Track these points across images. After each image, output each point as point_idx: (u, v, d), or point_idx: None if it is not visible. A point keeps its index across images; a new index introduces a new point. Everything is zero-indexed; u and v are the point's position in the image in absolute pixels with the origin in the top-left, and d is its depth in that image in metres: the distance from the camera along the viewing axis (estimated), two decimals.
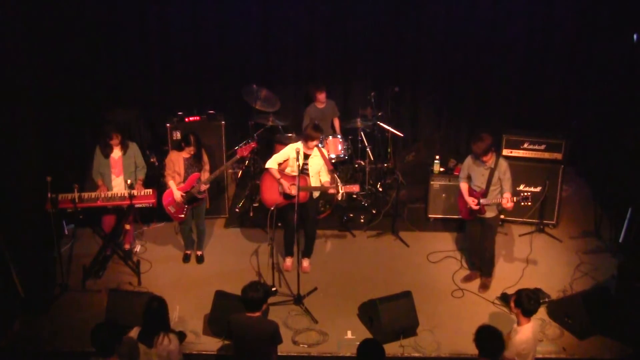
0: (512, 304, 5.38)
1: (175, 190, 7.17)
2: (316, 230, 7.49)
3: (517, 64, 9.21)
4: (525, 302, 5.29)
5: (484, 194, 6.85)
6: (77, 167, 8.24)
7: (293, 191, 6.92)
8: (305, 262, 7.48)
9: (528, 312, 5.32)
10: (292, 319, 6.71)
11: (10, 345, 6.36)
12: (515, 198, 6.68)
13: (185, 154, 7.21)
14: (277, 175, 7.05)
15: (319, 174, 7.04)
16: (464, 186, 7.03)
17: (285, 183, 7.03)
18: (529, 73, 9.25)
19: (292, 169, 7.05)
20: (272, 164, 7.11)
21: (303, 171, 6.94)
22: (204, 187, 7.19)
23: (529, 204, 6.78)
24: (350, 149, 8.70)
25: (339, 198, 6.94)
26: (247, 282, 5.47)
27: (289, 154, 7.07)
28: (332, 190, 6.91)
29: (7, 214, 6.76)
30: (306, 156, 7.01)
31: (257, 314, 5.34)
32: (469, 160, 6.99)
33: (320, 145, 7.18)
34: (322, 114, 8.75)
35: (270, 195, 7.19)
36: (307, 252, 7.49)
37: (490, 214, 6.94)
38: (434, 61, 9.28)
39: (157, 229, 8.28)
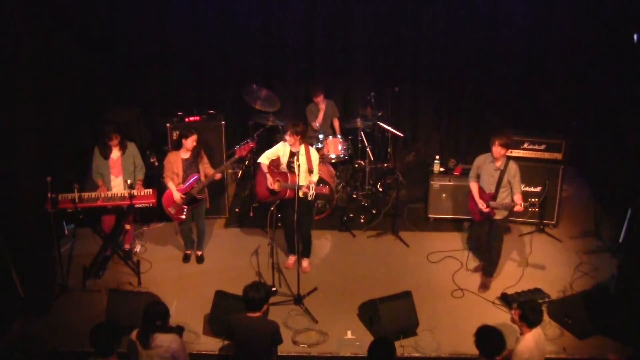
0: (517, 318, 5.29)
1: (175, 192, 7.17)
2: (310, 231, 7.47)
3: (517, 64, 9.21)
4: (530, 315, 5.23)
5: (494, 197, 6.86)
6: (77, 167, 8.23)
7: (275, 186, 6.96)
8: (305, 262, 7.49)
9: (534, 324, 5.27)
10: (292, 319, 6.71)
11: (10, 346, 6.36)
12: (523, 204, 6.65)
13: (184, 152, 7.20)
14: (264, 170, 7.09)
15: (306, 172, 7.03)
16: (473, 186, 7.02)
17: (269, 178, 7.05)
18: (529, 73, 9.25)
19: (282, 166, 7.10)
20: (262, 159, 7.17)
21: (290, 168, 7.01)
22: (202, 186, 7.18)
23: (537, 210, 6.79)
24: (350, 149, 8.70)
25: (309, 199, 6.93)
26: (247, 282, 5.48)
27: (278, 150, 7.13)
28: (305, 189, 6.89)
29: (7, 214, 6.76)
30: (293, 154, 7.03)
31: (258, 314, 5.35)
32: (479, 159, 7.01)
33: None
34: (322, 113, 8.75)
35: (260, 189, 7.25)
36: (305, 252, 7.50)
37: (500, 215, 6.95)
38: (434, 61, 9.27)
39: (157, 229, 8.28)
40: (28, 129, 7.28)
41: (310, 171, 6.99)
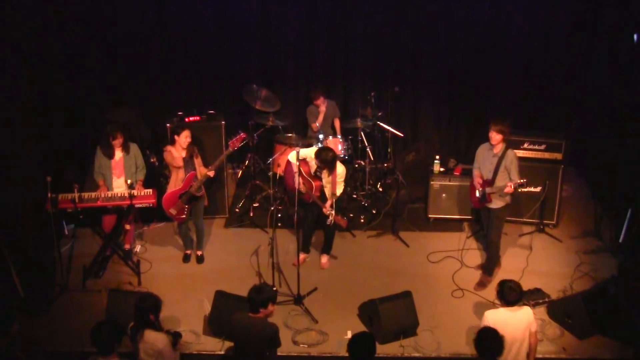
0: (496, 294, 5.60)
1: (200, 169, 7.18)
2: (334, 229, 7.52)
3: (517, 64, 9.21)
4: (506, 293, 5.47)
5: (490, 183, 6.90)
6: (78, 167, 8.24)
7: (302, 188, 7.02)
8: (324, 259, 7.62)
9: (508, 303, 5.48)
10: (292, 319, 6.71)
11: (10, 346, 6.35)
12: (512, 184, 6.68)
13: (181, 151, 7.19)
14: (295, 169, 7.05)
15: (330, 194, 7.17)
16: (476, 173, 7.15)
17: (297, 179, 7.04)
18: (529, 73, 9.25)
19: (310, 168, 7.20)
20: (293, 158, 7.16)
21: (317, 176, 7.18)
22: (199, 183, 7.20)
23: (525, 189, 6.83)
24: (350, 149, 8.70)
25: (327, 222, 7.06)
26: (247, 282, 5.51)
27: (308, 155, 7.20)
28: (325, 211, 7.04)
29: (7, 214, 6.76)
30: (322, 168, 7.14)
31: (259, 315, 5.36)
32: (480, 148, 7.12)
33: (320, 145, 7.25)
34: (322, 115, 8.75)
35: (289, 179, 7.32)
36: (326, 249, 7.61)
37: (496, 204, 6.96)
38: (434, 61, 9.27)
39: (157, 229, 8.28)
40: (28, 129, 7.28)
41: (334, 194, 7.15)
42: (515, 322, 5.44)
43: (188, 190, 7.20)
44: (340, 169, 7.20)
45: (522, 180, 6.69)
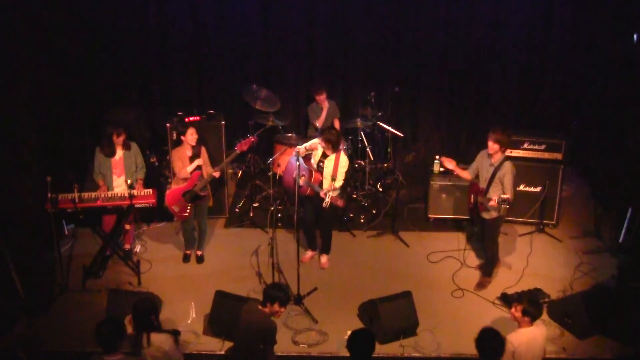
0: (519, 314, 5.31)
1: (191, 166, 7.16)
2: (331, 229, 7.54)
3: (517, 64, 9.21)
4: (532, 309, 5.26)
5: (484, 193, 6.87)
6: (78, 167, 8.24)
7: (300, 181, 6.98)
8: (324, 259, 7.61)
9: (535, 318, 5.32)
10: (292, 319, 6.71)
11: (10, 346, 6.36)
12: (496, 198, 6.59)
13: (188, 150, 7.20)
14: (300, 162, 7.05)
15: (331, 176, 7.11)
16: (464, 173, 7.11)
17: (299, 172, 7.02)
18: (529, 73, 9.25)
19: (314, 161, 7.19)
20: (300, 148, 7.18)
21: (318, 168, 7.12)
22: (204, 183, 7.19)
23: (507, 206, 6.71)
24: (350, 149, 8.70)
25: (323, 205, 6.98)
26: (247, 282, 5.49)
27: (315, 145, 7.21)
28: (322, 194, 6.99)
29: (7, 214, 6.76)
30: (325, 155, 7.13)
31: (266, 309, 5.40)
32: (480, 153, 7.04)
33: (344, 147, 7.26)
34: (325, 112, 8.75)
35: (288, 176, 7.31)
36: (325, 249, 7.62)
37: (488, 214, 6.92)
38: (434, 61, 9.27)
39: (157, 229, 8.28)
40: (28, 129, 7.28)
41: (334, 178, 7.07)
42: (535, 344, 5.33)
43: (192, 188, 7.21)
44: (344, 158, 7.18)
45: (506, 197, 6.54)
